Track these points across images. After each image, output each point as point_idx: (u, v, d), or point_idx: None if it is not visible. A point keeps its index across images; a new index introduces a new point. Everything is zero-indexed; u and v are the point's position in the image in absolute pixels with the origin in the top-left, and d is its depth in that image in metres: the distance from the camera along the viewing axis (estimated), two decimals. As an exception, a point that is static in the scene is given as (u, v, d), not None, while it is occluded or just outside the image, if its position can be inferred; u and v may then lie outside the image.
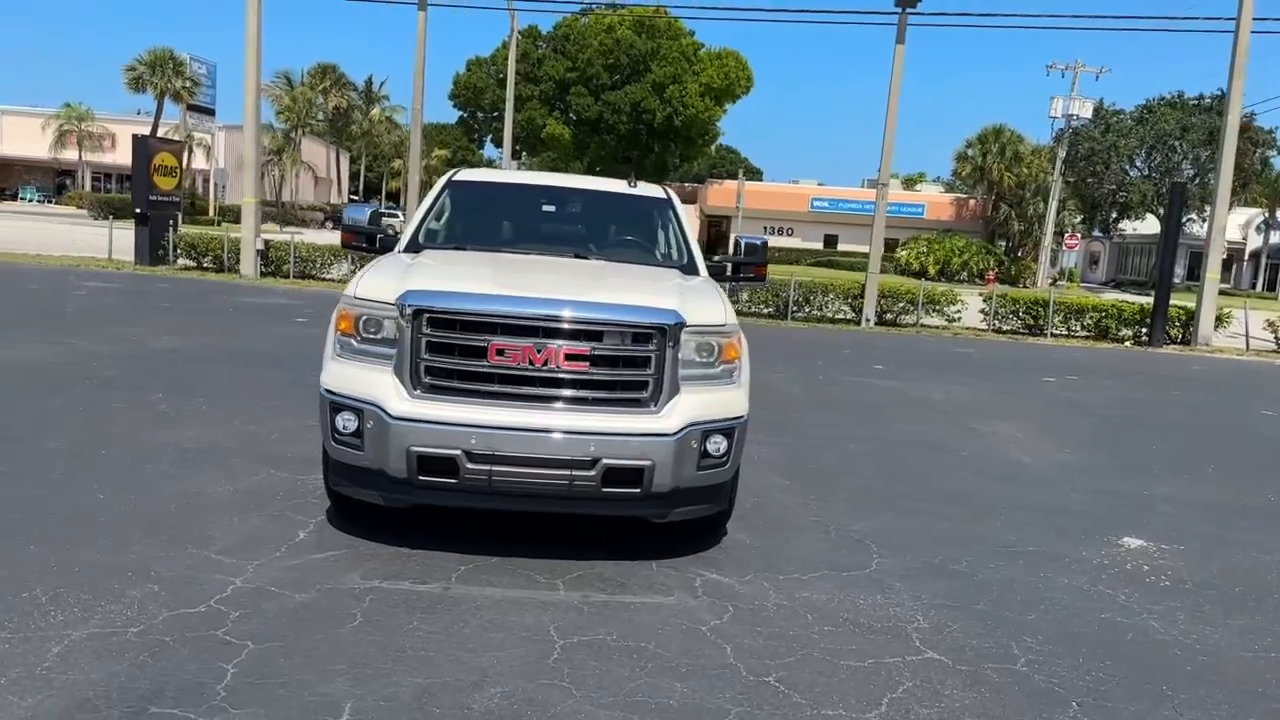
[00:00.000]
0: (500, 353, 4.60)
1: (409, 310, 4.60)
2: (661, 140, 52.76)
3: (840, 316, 21.63)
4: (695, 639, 4.12)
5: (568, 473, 4.61)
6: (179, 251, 22.72)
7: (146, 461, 6.11)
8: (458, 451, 4.56)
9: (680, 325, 4.73)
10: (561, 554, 4.98)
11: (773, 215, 59.78)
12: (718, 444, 4.89)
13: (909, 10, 20.22)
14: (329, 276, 22.60)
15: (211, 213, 50.69)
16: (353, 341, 4.78)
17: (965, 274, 49.91)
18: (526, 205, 6.64)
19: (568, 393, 4.66)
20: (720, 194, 58.68)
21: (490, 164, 57.10)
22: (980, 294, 22.52)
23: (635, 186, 6.72)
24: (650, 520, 4.97)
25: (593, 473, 4.61)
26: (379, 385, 4.66)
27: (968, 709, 3.68)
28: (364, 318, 4.74)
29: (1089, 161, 52.61)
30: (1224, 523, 6.67)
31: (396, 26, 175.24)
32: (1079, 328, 21.48)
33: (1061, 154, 49.72)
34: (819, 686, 3.77)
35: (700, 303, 4.97)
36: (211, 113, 51.50)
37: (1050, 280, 51.62)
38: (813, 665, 3.95)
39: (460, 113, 56.65)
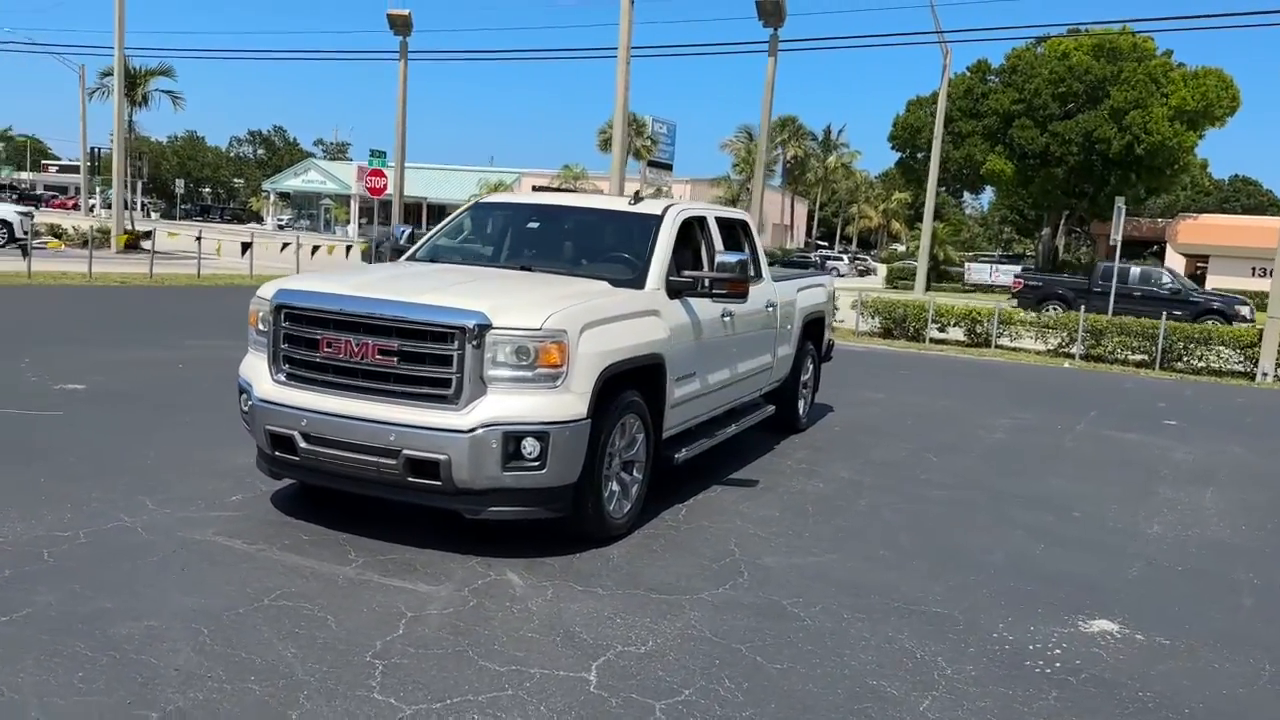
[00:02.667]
0: (329, 345, 5.15)
1: (274, 305, 5.34)
2: (1119, 171, 47.67)
3: (1234, 369, 18.21)
4: (381, 621, 4.30)
5: (375, 459, 5.02)
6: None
7: (227, 439, 7.40)
8: (294, 432, 5.20)
9: (484, 327, 4.91)
10: (418, 541, 5.31)
11: (1268, 254, 50.94)
12: (531, 447, 4.96)
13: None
14: None
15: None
16: (254, 333, 5.62)
17: None
18: (518, 224, 7.06)
19: (378, 385, 5.07)
20: (1195, 230, 51.52)
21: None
22: None
23: (635, 204, 6.80)
24: (463, 515, 5.14)
25: (395, 462, 4.97)
26: (259, 371, 5.46)
27: (519, 724, 3.50)
28: (260, 313, 5.56)
29: None
30: (1298, 626, 5.03)
31: (852, 73, 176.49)
32: None
33: None
34: (416, 676, 3.80)
35: (524, 308, 5.05)
36: (669, 167, 56.63)
37: None
38: (445, 661, 3.96)
39: (899, 154, 56.00)
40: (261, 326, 5.52)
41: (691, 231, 6.88)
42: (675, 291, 6.19)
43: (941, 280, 50.72)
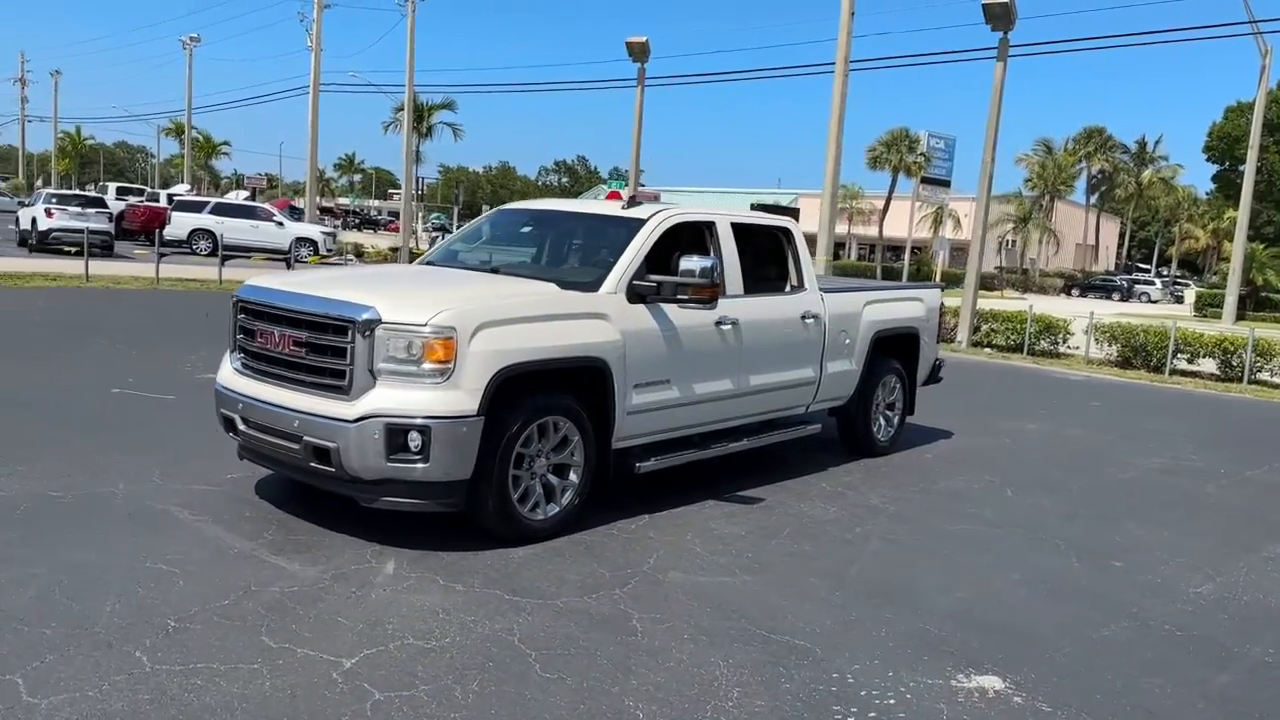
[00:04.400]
0: (260, 336, 5.57)
1: (233, 299, 5.86)
2: None
3: None
4: (220, 591, 4.56)
5: (285, 444, 5.36)
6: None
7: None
8: (235, 416, 5.66)
9: (373, 322, 5.10)
10: (344, 528, 5.54)
11: None
12: (415, 440, 5.08)
13: None
14: (1050, 350, 19.67)
15: (937, 278, 53.15)
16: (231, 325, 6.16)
17: None
18: (518, 228, 7.15)
19: (291, 374, 5.41)
20: None
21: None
22: None
23: (626, 209, 6.69)
24: (361, 504, 5.32)
25: (298, 447, 5.28)
26: (227, 359, 5.98)
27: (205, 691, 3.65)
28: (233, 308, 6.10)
29: None
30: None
31: (1165, 80, 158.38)
32: None
33: None
34: (191, 641, 4.04)
35: (414, 305, 5.17)
36: (946, 184, 53.98)
37: None
38: (231, 632, 4.17)
39: (1217, 166, 49.92)
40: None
41: (690, 237, 6.69)
42: (639, 296, 6.04)
43: (1262, 309, 44.76)
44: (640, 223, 6.41)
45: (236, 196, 43.13)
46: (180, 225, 31.79)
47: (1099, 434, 10.80)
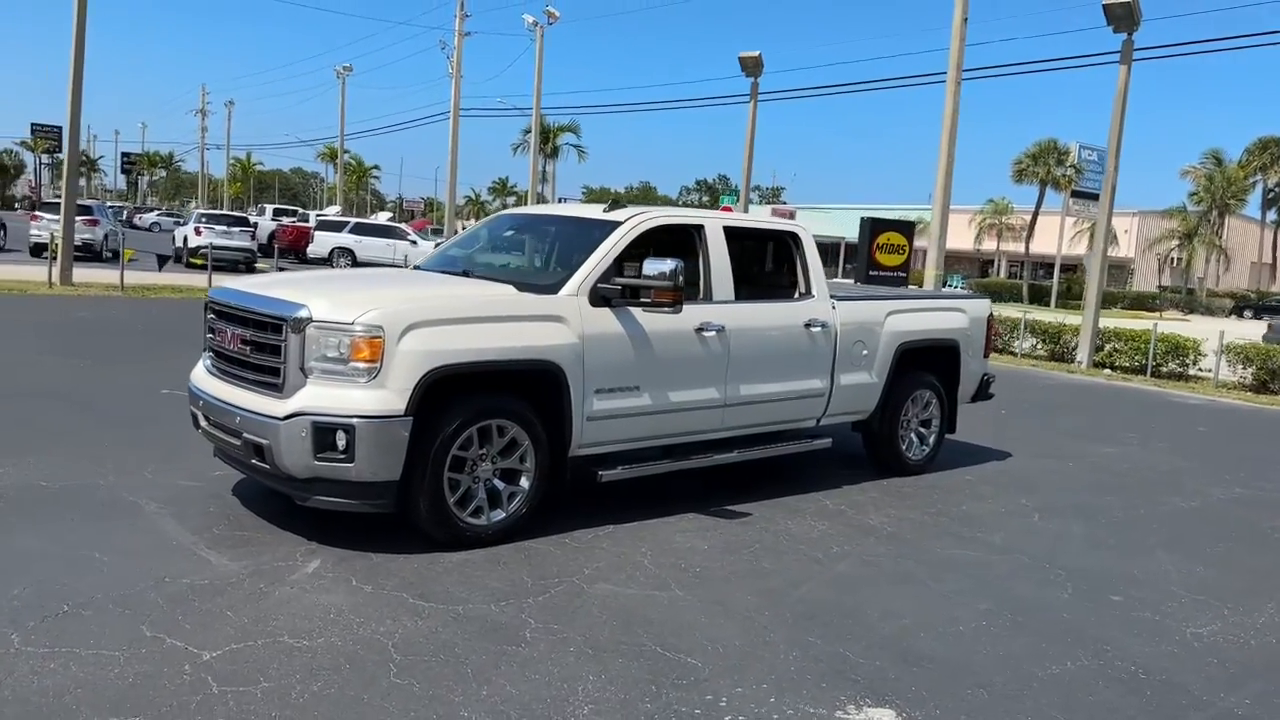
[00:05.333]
0: (219, 334, 5.71)
1: (206, 300, 6.02)
2: None
3: None
4: (138, 579, 4.67)
5: (231, 439, 5.46)
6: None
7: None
8: (198, 412, 5.81)
9: (304, 320, 5.13)
10: (295, 528, 5.61)
11: None
12: (341, 439, 5.07)
13: None
14: (1183, 372, 18.50)
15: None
16: (211, 327, 6.34)
17: None
18: (504, 233, 7.07)
19: (238, 371, 5.51)
20: None
21: None
22: None
23: (607, 212, 6.53)
24: (296, 502, 5.34)
25: (239, 442, 5.37)
26: (201, 359, 6.16)
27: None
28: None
29: None
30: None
31: None
32: None
33: None
34: (74, 625, 4.12)
35: (344, 304, 5.15)
36: (1095, 198, 51.40)
37: None
38: (117, 619, 4.24)
39: None
40: (212, 321, 6.22)
41: (675, 241, 6.48)
42: (604, 299, 5.88)
43: None
44: (614, 225, 6.25)
45: (378, 218, 45.16)
46: (322, 244, 33.61)
47: (1182, 459, 9.87)
